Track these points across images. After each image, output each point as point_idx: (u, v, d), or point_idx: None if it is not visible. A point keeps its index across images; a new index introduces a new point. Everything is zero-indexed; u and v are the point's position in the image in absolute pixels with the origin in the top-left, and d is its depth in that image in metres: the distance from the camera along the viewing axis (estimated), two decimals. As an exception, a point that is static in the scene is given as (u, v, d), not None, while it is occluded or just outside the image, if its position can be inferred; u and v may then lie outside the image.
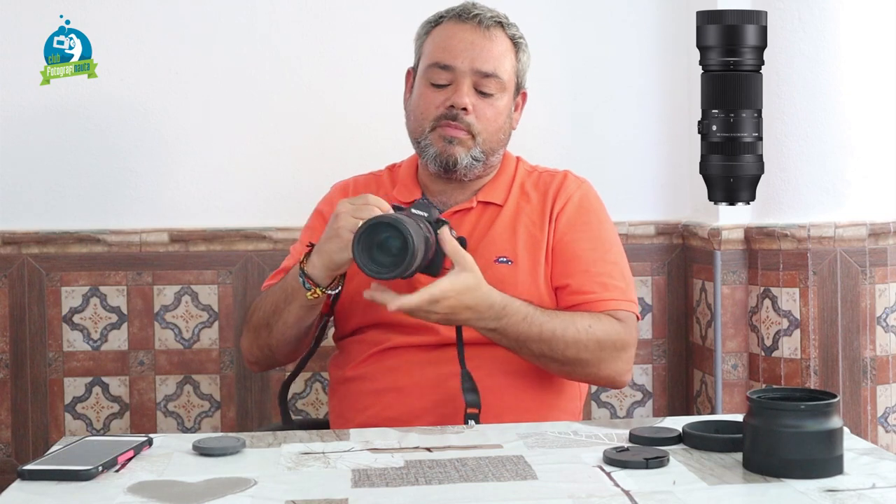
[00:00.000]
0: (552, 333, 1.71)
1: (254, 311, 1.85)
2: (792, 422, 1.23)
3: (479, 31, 1.83)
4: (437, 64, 1.83)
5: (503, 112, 1.87)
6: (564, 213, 1.87)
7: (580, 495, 1.19)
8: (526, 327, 1.69)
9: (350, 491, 1.22)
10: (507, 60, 1.87)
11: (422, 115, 1.85)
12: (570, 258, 1.84)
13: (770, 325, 2.40)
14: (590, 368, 1.76)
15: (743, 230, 2.43)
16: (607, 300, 1.80)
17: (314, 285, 1.68)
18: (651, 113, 2.62)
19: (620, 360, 1.78)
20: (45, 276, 2.50)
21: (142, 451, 1.40)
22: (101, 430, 2.52)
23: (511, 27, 1.89)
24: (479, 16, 1.85)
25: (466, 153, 1.82)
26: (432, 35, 1.88)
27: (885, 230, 2.40)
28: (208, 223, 2.52)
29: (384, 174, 2.00)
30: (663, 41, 2.61)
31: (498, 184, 1.91)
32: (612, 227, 1.93)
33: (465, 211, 1.88)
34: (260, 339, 1.83)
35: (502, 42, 1.86)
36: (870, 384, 2.40)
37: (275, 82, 2.53)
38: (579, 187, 1.91)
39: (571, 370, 1.76)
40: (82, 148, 2.51)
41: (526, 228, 1.85)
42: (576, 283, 1.82)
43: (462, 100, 1.81)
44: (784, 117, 2.37)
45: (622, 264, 1.87)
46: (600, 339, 1.74)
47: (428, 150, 1.85)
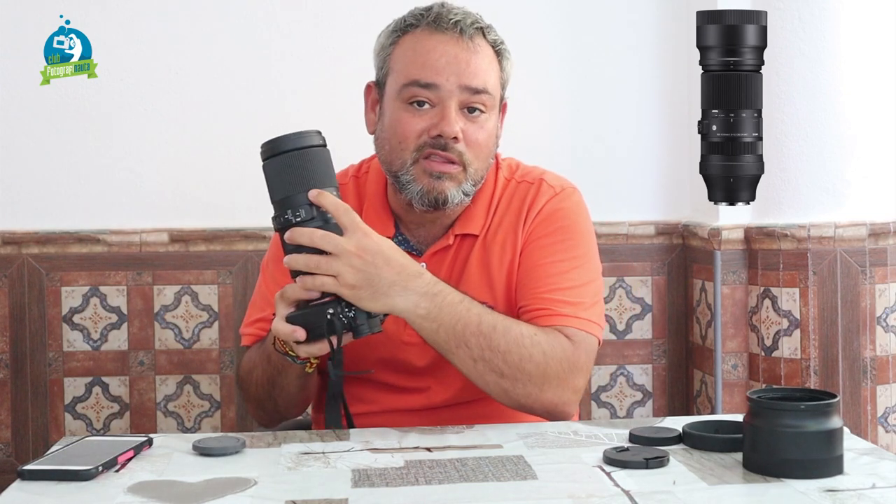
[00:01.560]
0: (492, 328, 1.49)
1: (247, 384, 1.67)
2: (792, 422, 1.23)
3: (461, 41, 1.58)
4: (415, 83, 1.57)
5: (492, 132, 1.63)
6: (531, 226, 1.65)
7: (580, 495, 1.19)
8: (464, 312, 1.47)
9: (350, 491, 1.22)
10: (493, 72, 1.61)
11: (401, 146, 1.59)
12: (527, 273, 1.63)
13: (770, 325, 2.40)
14: (531, 387, 1.51)
15: (743, 230, 2.43)
16: (556, 315, 1.57)
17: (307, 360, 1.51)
18: (651, 113, 2.62)
19: (566, 388, 1.54)
20: (45, 276, 2.50)
21: (142, 451, 1.40)
22: (101, 430, 2.52)
23: (490, 31, 1.63)
24: (458, 23, 1.59)
25: (457, 188, 1.59)
26: (402, 46, 1.62)
27: (885, 230, 2.40)
28: (208, 223, 2.52)
29: (350, 185, 1.74)
30: (663, 41, 2.61)
31: (476, 207, 1.67)
32: (585, 240, 1.67)
33: (444, 250, 1.66)
34: (265, 408, 1.67)
35: (486, 52, 1.61)
36: (870, 384, 2.40)
37: (275, 82, 2.53)
38: (552, 198, 1.67)
39: (511, 387, 1.51)
40: (82, 148, 2.51)
41: (500, 263, 1.65)
42: (525, 300, 1.61)
43: (452, 128, 1.56)
44: (784, 117, 2.37)
45: (589, 282, 1.63)
46: (545, 351, 1.51)
47: (410, 186, 1.59)
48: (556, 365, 1.52)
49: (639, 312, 2.61)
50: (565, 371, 1.53)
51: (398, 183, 1.62)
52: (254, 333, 1.70)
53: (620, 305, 2.60)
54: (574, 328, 1.57)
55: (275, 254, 1.71)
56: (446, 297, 1.47)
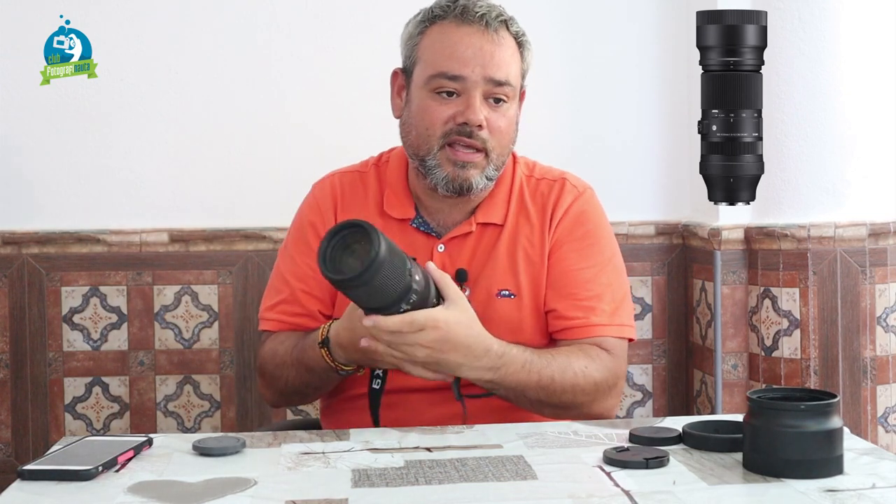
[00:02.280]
0: (551, 380, 1.59)
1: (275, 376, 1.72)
2: (792, 422, 1.23)
3: (486, 34, 1.65)
4: (443, 74, 1.65)
5: (513, 120, 1.72)
6: (559, 228, 1.74)
7: (580, 495, 1.19)
8: (525, 376, 1.57)
9: (350, 491, 1.22)
10: (515, 63, 1.70)
11: (427, 132, 1.66)
12: (559, 278, 1.71)
13: (770, 325, 2.40)
14: (583, 409, 1.64)
15: (743, 230, 2.43)
16: (593, 326, 1.68)
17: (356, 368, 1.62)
18: (651, 113, 2.62)
19: (611, 397, 1.67)
20: (45, 276, 2.50)
21: (142, 451, 1.40)
22: (101, 430, 2.52)
23: (514, 23, 1.71)
24: (484, 16, 1.66)
25: (481, 174, 1.67)
26: (429, 36, 1.68)
27: (885, 230, 2.40)
28: (208, 223, 2.52)
29: (370, 172, 1.81)
30: (663, 41, 2.61)
31: (497, 198, 1.75)
32: (610, 241, 1.78)
33: (464, 236, 1.73)
34: (291, 402, 1.82)
35: (510, 44, 1.69)
36: (870, 384, 2.40)
37: (275, 81, 2.53)
38: (577, 198, 1.76)
39: (564, 413, 1.63)
40: (82, 148, 2.51)
41: (526, 254, 1.72)
42: (562, 308, 1.70)
43: (477, 116, 1.64)
44: (784, 117, 2.37)
45: (616, 284, 1.73)
46: (597, 381, 1.63)
47: (436, 171, 1.67)
48: (603, 384, 1.65)
49: (639, 312, 2.61)
50: (610, 385, 1.66)
51: (424, 167, 1.69)
52: (277, 319, 1.77)
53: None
54: (611, 337, 1.69)
55: (294, 237, 1.81)
56: (509, 367, 1.56)
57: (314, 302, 1.75)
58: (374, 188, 1.78)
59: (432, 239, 1.73)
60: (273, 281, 1.81)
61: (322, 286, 1.74)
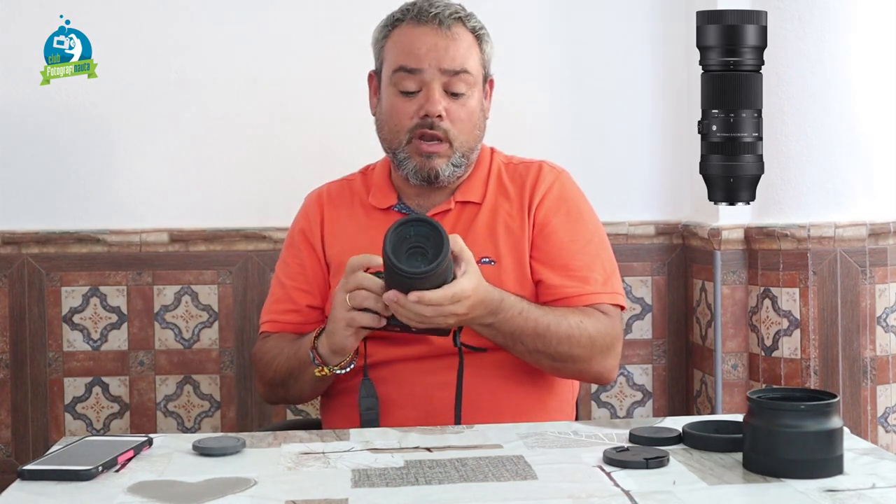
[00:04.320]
0: (546, 328, 1.68)
1: (265, 365, 1.83)
2: (792, 422, 1.23)
3: (440, 31, 1.79)
4: (402, 68, 1.79)
5: (476, 109, 1.83)
6: (543, 205, 1.83)
7: (580, 495, 1.19)
8: (522, 322, 1.67)
9: (350, 491, 1.22)
10: (473, 55, 1.81)
11: (396, 127, 1.81)
12: (549, 251, 1.81)
13: (770, 325, 2.40)
14: (580, 364, 1.74)
15: (743, 230, 2.43)
16: (588, 294, 1.78)
17: (322, 363, 1.68)
18: (651, 113, 2.62)
19: (610, 357, 1.77)
20: (45, 276, 2.50)
21: (142, 451, 1.40)
22: (101, 430, 2.52)
23: (471, 19, 1.83)
24: (437, 15, 1.79)
25: (447, 163, 1.79)
26: (392, 38, 1.83)
27: (885, 230, 2.40)
28: (208, 223, 2.52)
29: (357, 178, 1.96)
30: (663, 41, 2.61)
31: (475, 181, 1.87)
32: (593, 216, 1.89)
33: (444, 213, 1.84)
34: (276, 394, 1.85)
35: (465, 38, 1.81)
36: (870, 384, 2.40)
37: (275, 81, 2.53)
38: (557, 177, 1.87)
39: (562, 366, 1.74)
40: (82, 148, 2.51)
41: (506, 225, 1.82)
42: (555, 278, 1.80)
43: (435, 107, 1.77)
44: (784, 117, 2.37)
45: (604, 255, 1.85)
46: (592, 336, 1.73)
47: (406, 163, 1.81)
48: (600, 340, 1.74)
49: (639, 312, 2.61)
50: (608, 344, 1.76)
51: (396, 160, 1.84)
52: (271, 320, 1.89)
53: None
54: (607, 304, 1.79)
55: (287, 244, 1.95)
56: (507, 313, 1.65)
57: (304, 296, 1.88)
58: (360, 190, 1.93)
59: None
60: (270, 290, 1.95)
61: (310, 280, 1.88)
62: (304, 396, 1.83)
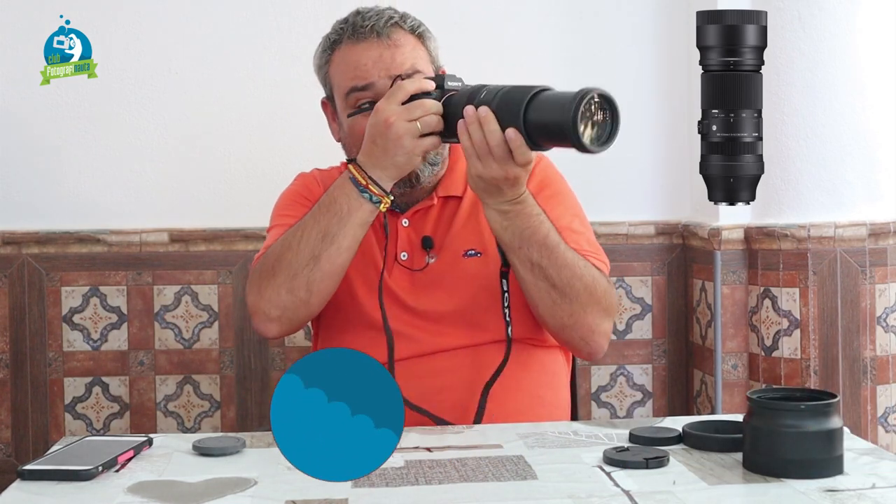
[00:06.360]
0: (556, 245, 1.63)
1: (282, 249, 1.69)
2: (792, 422, 1.23)
3: (381, 42, 1.73)
4: (353, 88, 1.74)
5: None
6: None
7: (580, 495, 1.19)
8: (536, 223, 1.62)
9: (350, 491, 1.22)
10: (419, 54, 1.76)
11: None
12: None
13: (770, 325, 2.40)
14: (576, 306, 1.66)
15: (743, 230, 2.43)
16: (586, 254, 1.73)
17: (383, 195, 1.62)
18: (651, 113, 2.62)
19: (607, 315, 1.71)
20: (45, 276, 2.50)
21: (142, 451, 1.40)
22: (101, 430, 2.52)
23: (406, 19, 1.78)
24: (374, 27, 1.74)
25: (423, 164, 1.72)
26: (334, 62, 1.78)
27: (885, 230, 2.41)
28: (208, 223, 2.53)
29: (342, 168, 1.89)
30: (663, 41, 2.61)
31: (455, 175, 1.83)
32: (574, 197, 1.87)
33: (427, 209, 1.81)
34: (297, 280, 1.67)
35: (407, 40, 1.75)
36: (870, 384, 2.40)
37: (275, 81, 2.53)
38: (537, 163, 1.81)
39: (560, 299, 1.66)
40: (82, 148, 2.51)
41: None
42: None
43: None
44: (784, 117, 2.37)
45: (589, 232, 1.82)
46: (595, 277, 1.68)
47: None
48: (601, 291, 1.68)
49: (639, 312, 2.61)
50: (607, 300, 1.70)
51: None
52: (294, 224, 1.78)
53: (620, 305, 2.60)
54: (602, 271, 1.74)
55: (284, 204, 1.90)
56: (525, 208, 1.61)
57: None
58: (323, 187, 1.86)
59: (396, 215, 1.80)
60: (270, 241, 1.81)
61: None
62: (340, 257, 1.67)
